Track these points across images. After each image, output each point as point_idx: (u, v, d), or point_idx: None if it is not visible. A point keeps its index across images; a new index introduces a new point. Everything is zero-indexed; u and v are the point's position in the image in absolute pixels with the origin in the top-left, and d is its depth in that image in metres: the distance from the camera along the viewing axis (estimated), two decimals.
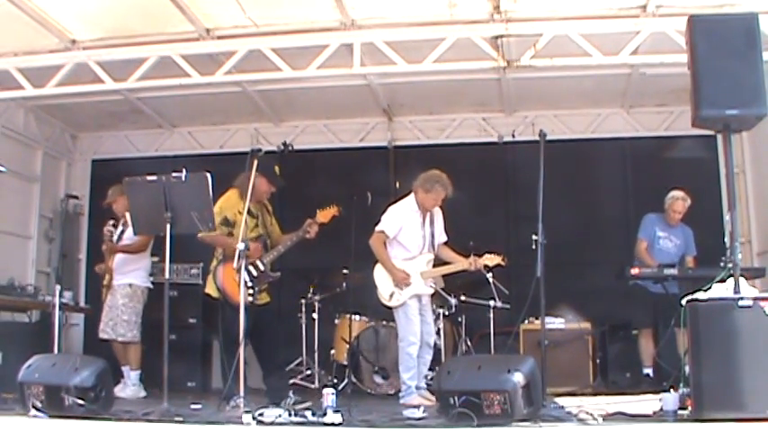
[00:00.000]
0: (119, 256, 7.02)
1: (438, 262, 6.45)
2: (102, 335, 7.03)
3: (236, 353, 5.52)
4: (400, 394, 6.31)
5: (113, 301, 6.97)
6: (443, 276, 6.63)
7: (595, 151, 8.75)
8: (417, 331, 6.20)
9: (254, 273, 5.88)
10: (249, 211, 5.83)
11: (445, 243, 6.48)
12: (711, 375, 4.09)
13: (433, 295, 7.45)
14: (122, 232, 7.05)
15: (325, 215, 6.06)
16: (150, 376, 7.31)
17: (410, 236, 6.29)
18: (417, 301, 6.29)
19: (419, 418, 4.55)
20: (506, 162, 8.84)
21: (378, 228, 6.28)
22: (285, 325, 7.83)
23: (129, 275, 7.00)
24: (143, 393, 6.94)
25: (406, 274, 6.21)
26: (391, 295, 6.27)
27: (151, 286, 7.14)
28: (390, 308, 6.43)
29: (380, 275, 6.32)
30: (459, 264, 6.33)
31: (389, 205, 6.44)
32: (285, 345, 7.87)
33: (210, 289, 6.00)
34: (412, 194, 6.36)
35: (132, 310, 6.95)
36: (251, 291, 5.69)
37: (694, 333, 4.21)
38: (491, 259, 6.27)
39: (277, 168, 6.12)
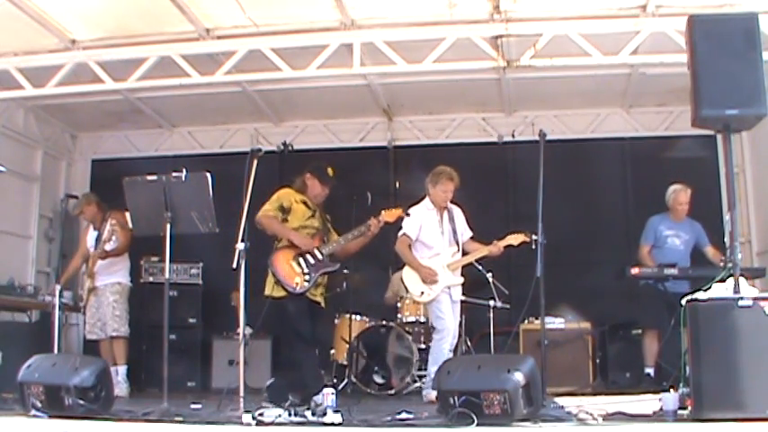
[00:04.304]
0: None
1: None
2: (91, 336, 7.26)
3: (308, 348, 5.70)
4: (423, 386, 6.48)
5: (100, 301, 7.18)
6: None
7: (595, 151, 8.75)
8: (450, 326, 6.29)
9: (311, 260, 5.78)
10: (306, 204, 5.92)
11: (471, 238, 6.58)
12: (711, 375, 4.09)
13: None
14: (99, 236, 7.20)
15: (390, 215, 5.94)
16: (150, 376, 7.35)
17: (430, 234, 6.41)
18: (448, 295, 6.37)
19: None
20: (506, 162, 8.84)
21: (400, 232, 6.39)
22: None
23: (117, 275, 7.25)
24: (128, 390, 7.04)
25: (433, 271, 6.30)
26: (422, 293, 6.37)
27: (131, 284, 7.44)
28: (424, 304, 6.57)
29: (409, 276, 6.42)
30: (482, 250, 6.42)
31: (409, 207, 6.42)
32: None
33: (269, 289, 5.78)
34: (427, 196, 6.47)
35: (123, 306, 7.22)
36: (306, 278, 5.68)
37: (694, 333, 4.21)
38: (515, 238, 6.29)
39: (330, 170, 6.06)
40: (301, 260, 5.74)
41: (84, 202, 7.40)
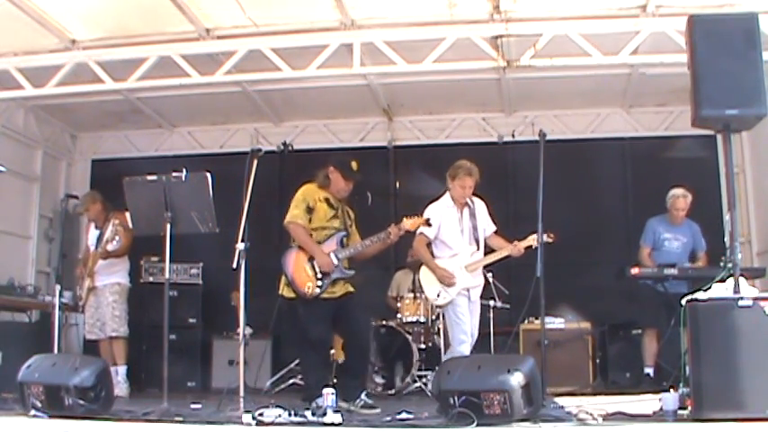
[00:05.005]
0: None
1: (487, 251, 6.23)
2: (91, 336, 7.27)
3: (314, 352, 5.63)
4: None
5: (99, 301, 7.18)
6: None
7: (595, 151, 8.75)
8: (468, 329, 6.04)
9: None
10: (328, 202, 5.77)
11: (495, 232, 6.28)
12: (711, 375, 4.09)
13: None
14: (100, 236, 7.18)
15: (412, 224, 5.79)
16: (150, 376, 7.36)
17: (449, 232, 6.12)
18: (466, 297, 6.11)
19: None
20: (506, 162, 8.84)
21: (418, 230, 6.10)
22: (284, 326, 7.84)
23: (116, 275, 7.22)
24: (128, 390, 7.03)
25: (449, 273, 6.03)
26: (438, 294, 6.10)
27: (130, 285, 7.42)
28: (440, 307, 6.34)
29: (426, 277, 6.17)
30: (503, 250, 6.11)
31: (429, 204, 6.25)
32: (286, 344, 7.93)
33: (281, 287, 5.72)
34: (447, 192, 6.20)
35: (122, 306, 7.20)
36: (319, 283, 5.57)
37: (694, 333, 4.21)
38: (536, 239, 5.87)
39: (354, 164, 5.89)
40: (316, 264, 5.62)
41: (90, 201, 7.35)
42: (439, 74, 7.03)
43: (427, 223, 5.90)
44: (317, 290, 5.56)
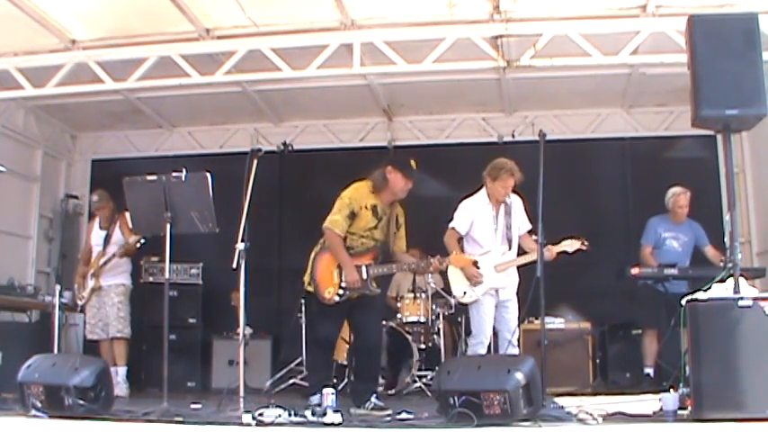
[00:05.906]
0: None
1: (519, 252, 6.11)
2: (92, 336, 7.26)
3: (321, 350, 5.69)
4: None
5: (103, 301, 7.18)
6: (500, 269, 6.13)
7: (595, 151, 8.75)
8: (488, 330, 5.93)
9: None
10: (375, 210, 5.63)
11: (529, 232, 6.08)
12: (711, 375, 4.10)
13: (433, 295, 7.46)
14: (108, 236, 7.22)
15: (458, 261, 5.72)
16: (150, 376, 7.36)
17: (482, 230, 5.98)
18: (493, 297, 5.96)
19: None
20: None
21: (450, 225, 6.00)
22: (285, 325, 7.86)
23: (121, 276, 7.26)
24: (127, 391, 7.03)
25: (478, 273, 5.85)
26: (464, 293, 5.96)
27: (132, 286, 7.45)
28: (465, 305, 6.21)
29: (454, 273, 6.01)
30: (534, 253, 5.79)
31: (462, 199, 6.16)
32: (286, 344, 7.92)
33: (305, 278, 5.70)
34: (483, 188, 6.07)
35: (126, 307, 7.22)
36: (340, 291, 5.51)
37: (694, 333, 4.22)
38: (570, 245, 5.88)
39: (413, 162, 5.74)
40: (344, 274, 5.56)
41: (106, 199, 7.32)
42: (439, 74, 7.03)
43: (475, 265, 5.78)
44: (336, 297, 5.51)
